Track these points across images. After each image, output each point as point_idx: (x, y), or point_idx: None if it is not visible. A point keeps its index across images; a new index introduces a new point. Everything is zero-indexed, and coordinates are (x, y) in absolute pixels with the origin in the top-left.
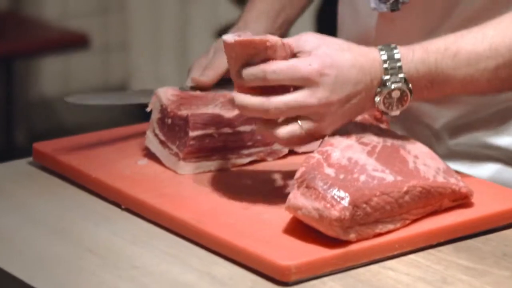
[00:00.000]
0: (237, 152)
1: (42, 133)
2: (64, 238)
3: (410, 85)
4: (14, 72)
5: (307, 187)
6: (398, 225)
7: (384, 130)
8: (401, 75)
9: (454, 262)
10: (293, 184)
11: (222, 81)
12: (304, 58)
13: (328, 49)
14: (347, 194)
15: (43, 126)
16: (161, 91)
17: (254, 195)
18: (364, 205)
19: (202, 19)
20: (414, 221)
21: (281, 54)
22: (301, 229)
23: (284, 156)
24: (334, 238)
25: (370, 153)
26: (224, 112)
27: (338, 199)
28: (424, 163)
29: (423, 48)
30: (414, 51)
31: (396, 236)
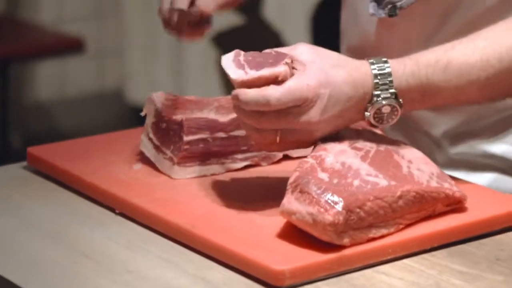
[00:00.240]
0: (232, 157)
1: (38, 137)
2: (59, 243)
3: (401, 100)
4: (10, 76)
5: (301, 192)
6: (392, 230)
7: (378, 135)
8: (392, 90)
9: (448, 267)
10: (287, 189)
11: None
12: (301, 77)
13: (322, 64)
14: (341, 199)
15: (39, 130)
16: (156, 96)
17: (249, 200)
18: (358, 210)
19: None
20: (408, 226)
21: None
22: (295, 234)
23: (278, 161)
24: (328, 243)
25: (364, 158)
26: (219, 117)
27: (332, 204)
28: (418, 168)
29: (414, 61)
30: (405, 65)
31: (390, 241)
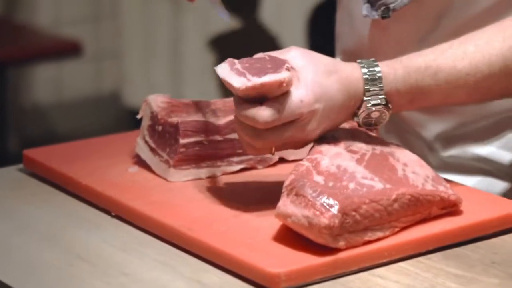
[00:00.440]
0: (228, 160)
1: (35, 140)
2: (54, 245)
3: (390, 105)
4: (7, 79)
5: (297, 195)
6: (387, 233)
7: (373, 138)
8: (382, 96)
9: (443, 270)
10: (283, 192)
11: None
12: (295, 92)
13: (316, 71)
14: (336, 202)
15: (36, 133)
16: (152, 98)
17: (244, 203)
18: (353, 213)
19: (195, 27)
20: (403, 229)
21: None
22: (291, 237)
23: (274, 164)
24: (324, 246)
25: (359, 161)
26: (215, 120)
27: (328, 207)
28: (413, 171)
29: (404, 67)
30: (396, 70)
31: (385, 244)
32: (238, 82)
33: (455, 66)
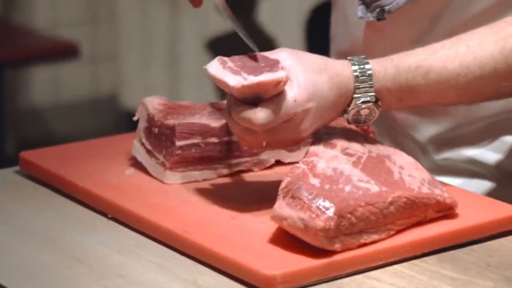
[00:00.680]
0: (224, 162)
1: (32, 142)
2: (51, 247)
3: (379, 102)
4: (4, 81)
5: (292, 197)
6: (383, 236)
7: (370, 140)
8: (372, 94)
9: (439, 273)
10: (279, 194)
11: None
12: (288, 93)
13: (306, 70)
14: (332, 205)
15: (33, 135)
16: (148, 100)
17: (240, 205)
18: (349, 216)
19: (192, 30)
20: (399, 232)
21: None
22: (287, 239)
23: (270, 167)
24: (319, 248)
25: (356, 164)
26: (211, 122)
27: (323, 209)
28: (409, 174)
29: (395, 66)
30: (386, 68)
31: (381, 247)
32: (234, 81)
33: (446, 67)
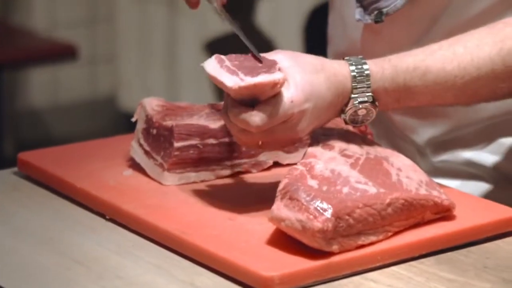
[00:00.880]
0: (222, 164)
1: (30, 144)
2: (49, 248)
3: (377, 103)
4: (2, 82)
5: (290, 199)
6: (381, 237)
7: (368, 142)
8: (369, 94)
9: (436, 274)
10: (277, 196)
11: None
12: (285, 94)
13: (304, 72)
14: (330, 206)
15: (31, 137)
16: (146, 101)
17: (238, 207)
18: (347, 217)
19: (191, 31)
20: (397, 233)
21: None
22: (285, 240)
23: (268, 168)
24: (317, 250)
25: (353, 165)
26: (209, 123)
27: (321, 211)
28: (407, 176)
29: (393, 66)
30: (384, 69)
31: (379, 248)
32: (231, 82)
33: (444, 68)
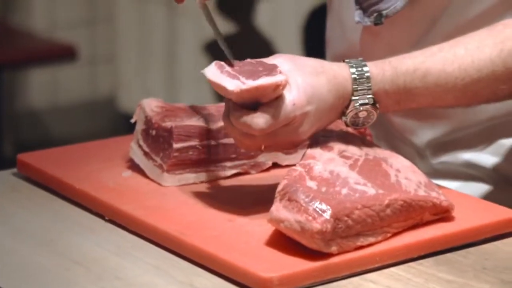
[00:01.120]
0: (221, 165)
1: (30, 145)
2: (48, 249)
3: (377, 105)
4: (2, 83)
5: (289, 200)
6: (379, 238)
7: (367, 143)
8: (369, 96)
9: (435, 275)
10: (276, 197)
11: None
12: (286, 96)
13: (304, 75)
14: (329, 207)
15: (31, 138)
16: (146, 103)
17: (238, 208)
18: (346, 218)
19: (190, 32)
20: (395, 234)
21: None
22: (284, 242)
23: (268, 169)
24: (316, 251)
25: (352, 167)
26: (208, 124)
27: (320, 212)
28: (406, 177)
29: (393, 68)
30: (384, 71)
31: (377, 249)
32: (232, 85)
33: (444, 69)
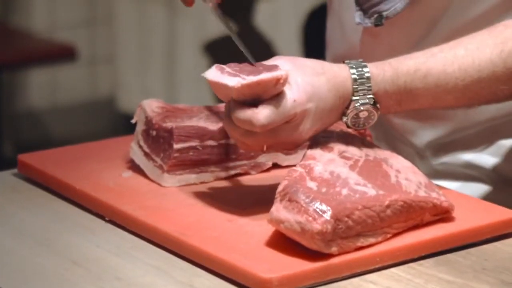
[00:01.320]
0: (221, 165)
1: (29, 145)
2: (48, 250)
3: (378, 105)
4: (2, 83)
5: (290, 201)
6: (380, 239)
7: (367, 144)
8: (370, 96)
9: (435, 276)
10: (276, 198)
11: None
12: (287, 93)
13: (305, 75)
14: (329, 208)
15: (30, 138)
16: (146, 103)
17: (238, 208)
18: (346, 219)
19: (190, 32)
20: (396, 235)
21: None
22: (284, 242)
23: (268, 170)
24: (316, 251)
25: (353, 167)
26: (209, 125)
27: (320, 213)
28: (406, 178)
29: (393, 69)
30: (385, 71)
31: (378, 250)
32: (233, 81)
33: (445, 70)
